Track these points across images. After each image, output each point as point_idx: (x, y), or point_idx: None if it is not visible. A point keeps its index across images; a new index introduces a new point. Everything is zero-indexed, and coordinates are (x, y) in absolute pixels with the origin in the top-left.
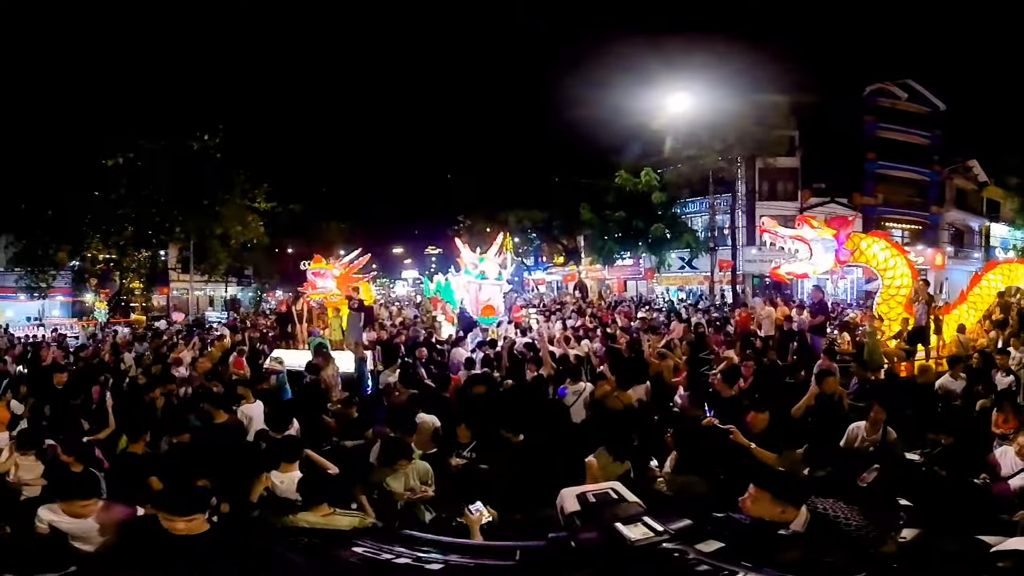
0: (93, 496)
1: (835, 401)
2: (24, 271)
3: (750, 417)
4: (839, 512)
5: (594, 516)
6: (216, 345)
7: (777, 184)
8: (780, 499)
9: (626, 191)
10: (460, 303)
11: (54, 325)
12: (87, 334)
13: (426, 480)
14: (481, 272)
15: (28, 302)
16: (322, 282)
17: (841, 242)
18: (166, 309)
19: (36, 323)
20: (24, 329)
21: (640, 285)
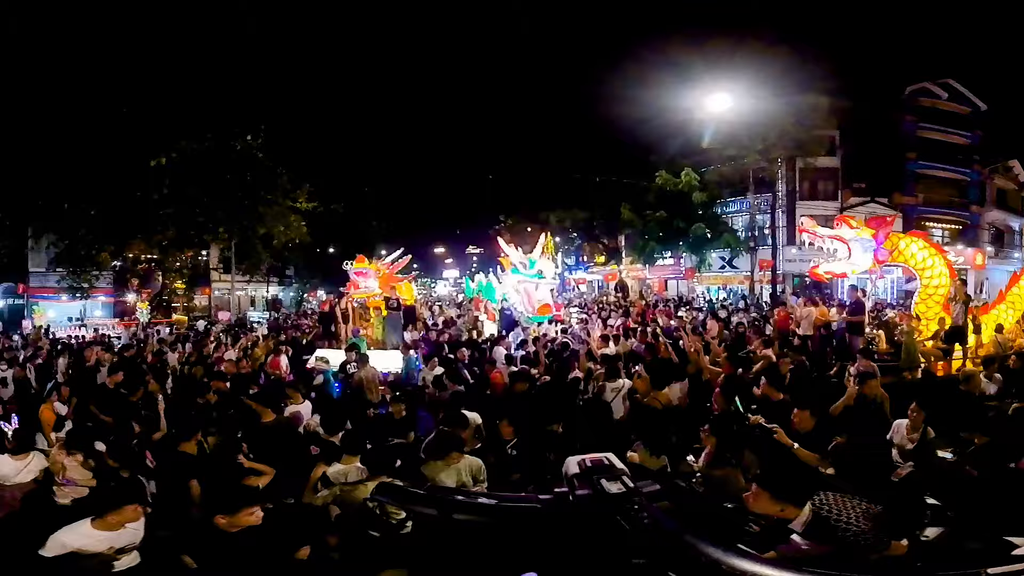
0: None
1: (876, 404)
2: (66, 271)
3: (796, 417)
4: (843, 514)
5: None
6: (260, 346)
7: (817, 184)
8: (779, 498)
9: (667, 191)
10: (502, 302)
11: (96, 325)
12: (129, 334)
13: (478, 476)
14: (539, 271)
15: (70, 303)
16: (365, 282)
17: (880, 242)
18: (208, 309)
19: (78, 323)
20: (66, 330)
21: (681, 285)
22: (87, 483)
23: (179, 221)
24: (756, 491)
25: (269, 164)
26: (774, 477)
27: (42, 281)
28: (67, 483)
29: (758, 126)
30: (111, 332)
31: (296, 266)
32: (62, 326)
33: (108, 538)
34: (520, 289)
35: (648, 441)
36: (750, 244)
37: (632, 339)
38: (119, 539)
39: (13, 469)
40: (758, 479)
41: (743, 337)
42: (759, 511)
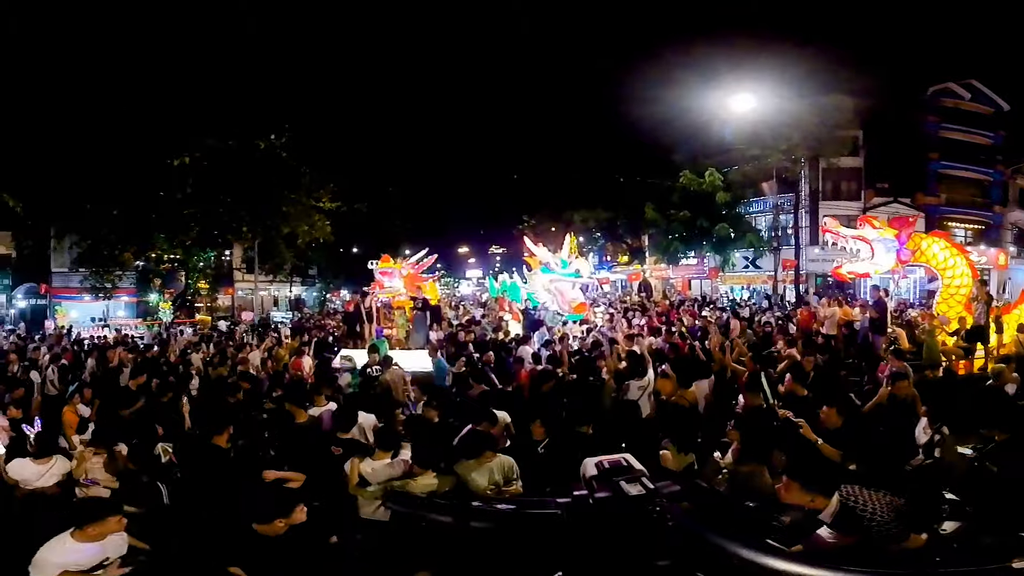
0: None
1: (908, 403)
2: (89, 271)
3: (823, 414)
4: (868, 505)
5: (606, 477)
6: (285, 346)
7: (840, 184)
8: (809, 488)
9: (690, 191)
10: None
11: (119, 325)
12: (152, 334)
13: (511, 476)
14: (576, 271)
15: (92, 303)
16: (389, 281)
17: (902, 242)
18: (231, 309)
19: (101, 323)
20: (89, 330)
21: (704, 284)
22: (109, 484)
23: (202, 221)
24: (787, 482)
25: (293, 163)
26: (804, 468)
27: (65, 281)
28: (89, 483)
29: (781, 126)
30: (134, 332)
31: (319, 266)
32: (85, 326)
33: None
34: (552, 288)
35: (675, 439)
36: (773, 244)
37: (657, 338)
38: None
39: (35, 473)
40: (788, 471)
41: (769, 337)
42: (791, 502)
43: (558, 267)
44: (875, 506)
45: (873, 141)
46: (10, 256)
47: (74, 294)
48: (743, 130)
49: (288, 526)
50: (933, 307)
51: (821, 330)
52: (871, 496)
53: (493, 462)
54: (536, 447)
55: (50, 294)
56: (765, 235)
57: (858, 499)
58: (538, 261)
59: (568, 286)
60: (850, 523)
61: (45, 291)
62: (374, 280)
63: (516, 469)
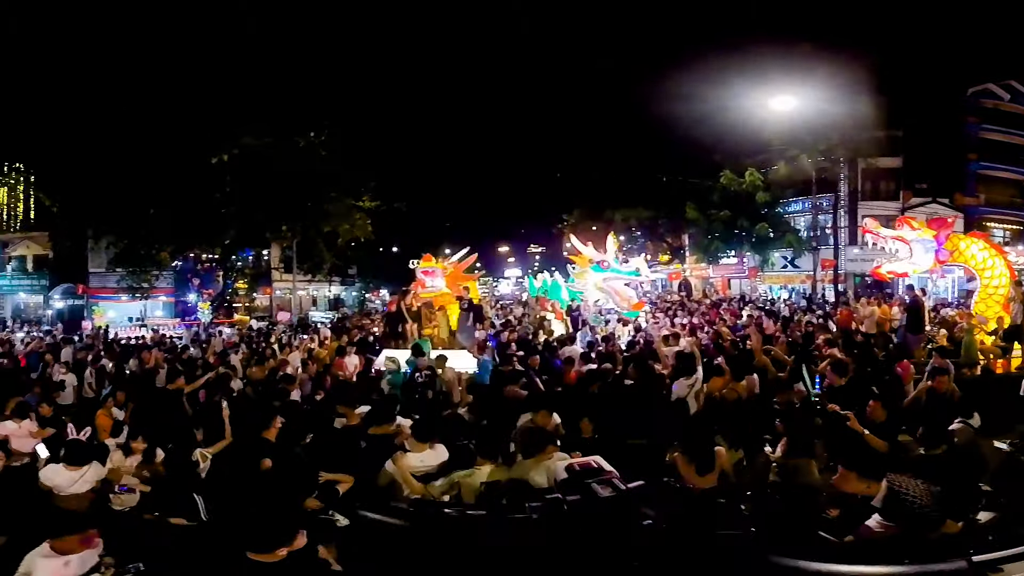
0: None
1: (947, 397)
2: (126, 271)
3: (870, 407)
4: (911, 490)
5: (578, 480)
6: (326, 346)
7: (879, 184)
8: (865, 476)
9: (731, 191)
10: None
11: (156, 325)
12: (190, 335)
13: None
14: (636, 269)
15: (130, 303)
16: (431, 280)
17: (941, 242)
18: (269, 309)
19: (138, 324)
20: (126, 330)
21: (744, 284)
22: (142, 488)
23: (241, 219)
24: (843, 473)
25: (332, 161)
26: (859, 458)
27: (102, 281)
28: (123, 490)
29: (821, 127)
30: (172, 332)
31: (358, 265)
32: (122, 326)
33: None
34: (606, 287)
35: (726, 433)
36: (812, 244)
37: (700, 336)
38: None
39: (68, 480)
40: (844, 462)
41: (810, 336)
42: (848, 489)
43: (612, 265)
44: (917, 491)
45: (912, 142)
46: (47, 256)
47: (111, 294)
48: (783, 130)
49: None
50: (971, 307)
51: (861, 329)
52: (913, 482)
53: (551, 460)
54: (585, 445)
55: (87, 294)
56: (804, 235)
57: (902, 484)
58: (587, 259)
59: (621, 284)
60: (897, 507)
61: (82, 291)
62: (415, 279)
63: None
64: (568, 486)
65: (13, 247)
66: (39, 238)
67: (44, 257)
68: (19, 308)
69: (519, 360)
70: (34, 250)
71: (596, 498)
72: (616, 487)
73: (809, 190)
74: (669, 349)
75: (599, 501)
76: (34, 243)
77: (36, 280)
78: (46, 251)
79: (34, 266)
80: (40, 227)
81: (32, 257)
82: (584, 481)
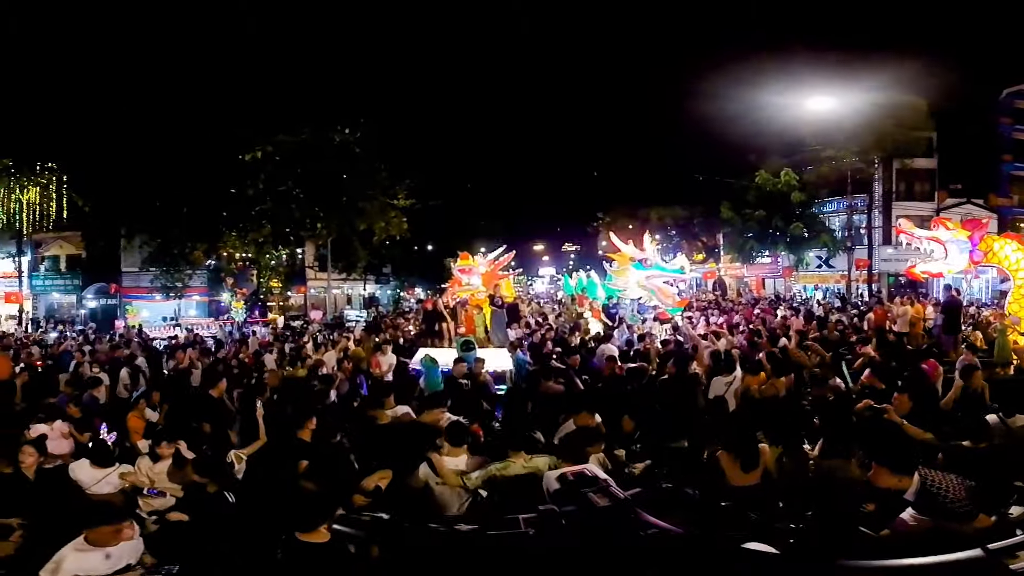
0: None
1: (979, 393)
2: (159, 271)
3: (895, 400)
4: (944, 485)
5: (572, 490)
6: (363, 345)
7: (914, 185)
8: (897, 472)
9: (766, 190)
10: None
11: (190, 325)
12: (224, 334)
13: (606, 469)
14: (680, 267)
15: (163, 302)
16: (468, 278)
17: (975, 243)
18: (303, 308)
19: (172, 323)
20: (160, 330)
21: (778, 283)
22: (175, 492)
23: (275, 217)
24: (876, 468)
25: (367, 158)
26: (891, 453)
27: (135, 281)
28: (153, 493)
29: (856, 127)
30: (205, 332)
31: (393, 263)
32: (156, 326)
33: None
34: (648, 284)
35: (767, 430)
36: (847, 244)
37: (736, 336)
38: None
39: (91, 477)
40: (876, 458)
41: (844, 335)
42: (883, 484)
43: (655, 263)
44: (949, 485)
45: (947, 142)
46: (80, 256)
47: (144, 293)
48: (819, 131)
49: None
50: (1005, 307)
51: (894, 328)
52: (946, 477)
53: (597, 456)
54: (626, 441)
55: (120, 294)
56: (839, 235)
57: (935, 480)
58: (627, 257)
59: (662, 281)
60: (929, 501)
61: (115, 291)
62: (451, 277)
63: (608, 463)
64: (562, 496)
65: (46, 247)
66: (72, 238)
67: (77, 257)
68: (52, 308)
69: (557, 358)
70: (67, 250)
71: (593, 508)
72: (613, 496)
73: (844, 190)
74: (706, 347)
75: (596, 511)
76: (67, 243)
77: (69, 280)
78: (79, 251)
79: (67, 266)
80: (73, 227)
81: (65, 257)
82: (579, 490)
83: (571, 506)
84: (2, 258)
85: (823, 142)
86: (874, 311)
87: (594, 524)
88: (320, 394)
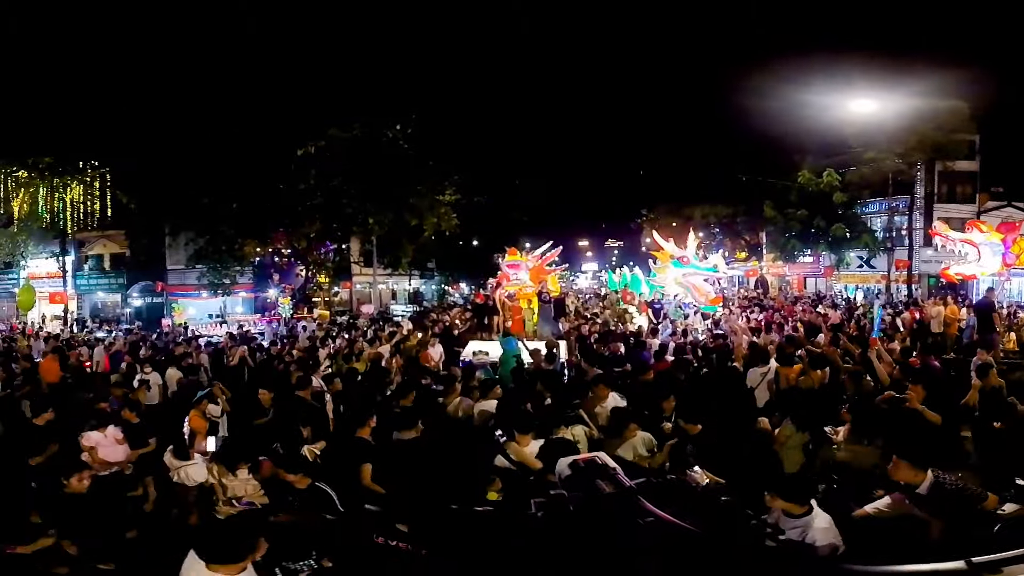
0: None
1: (996, 390)
2: (207, 267)
3: (911, 391)
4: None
5: (582, 476)
6: (412, 339)
7: (955, 187)
8: (915, 466)
9: (808, 190)
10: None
11: (239, 321)
12: (272, 331)
13: (651, 448)
14: (714, 265)
15: (210, 299)
16: (516, 274)
17: (1008, 246)
18: (348, 303)
19: (218, 320)
20: (207, 327)
21: (819, 282)
22: (259, 499)
23: (325, 212)
24: (896, 461)
25: (416, 154)
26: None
27: (181, 279)
28: (247, 505)
29: (899, 130)
30: (253, 329)
31: (438, 259)
32: (202, 323)
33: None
34: (685, 282)
35: (795, 418)
36: (887, 244)
37: (775, 333)
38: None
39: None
40: (900, 452)
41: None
42: (900, 478)
43: (688, 261)
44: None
45: (989, 145)
46: (124, 255)
47: (190, 291)
48: (861, 132)
49: None
50: None
51: (931, 328)
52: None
53: (636, 438)
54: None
55: (166, 292)
56: (880, 235)
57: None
58: (668, 255)
59: (700, 279)
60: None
61: (160, 289)
62: (500, 272)
63: (654, 441)
64: (572, 483)
65: (90, 246)
66: (116, 236)
67: (121, 256)
68: (97, 307)
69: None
70: (111, 248)
71: (600, 495)
72: (619, 483)
73: (885, 191)
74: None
75: (602, 498)
76: (111, 241)
77: (114, 279)
78: (123, 250)
79: (111, 265)
80: (117, 225)
81: (109, 256)
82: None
83: (579, 492)
84: (46, 258)
85: (865, 144)
86: (909, 311)
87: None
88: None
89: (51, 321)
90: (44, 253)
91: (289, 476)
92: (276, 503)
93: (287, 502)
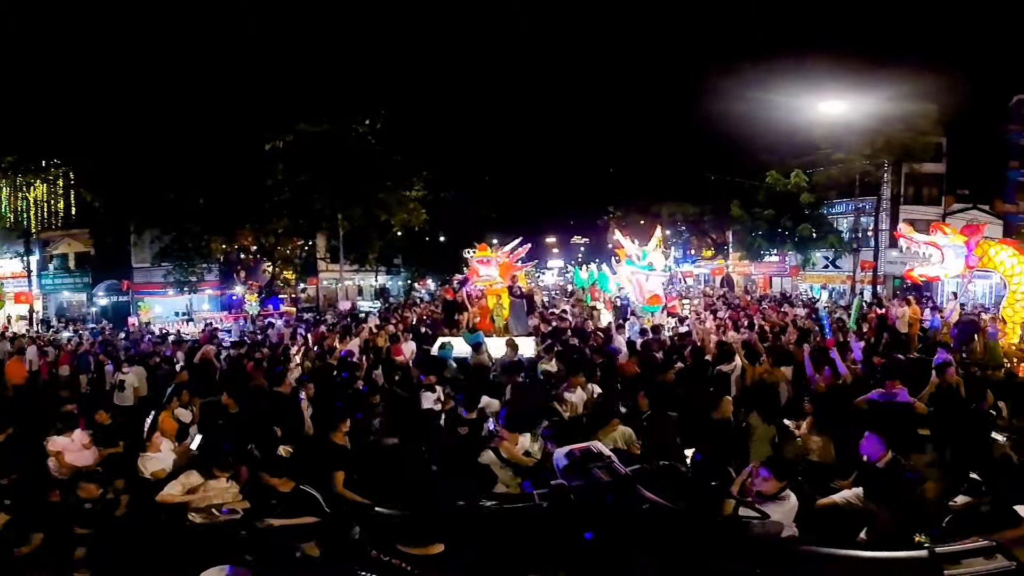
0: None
1: (953, 388)
2: (173, 265)
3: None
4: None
5: (580, 465)
6: (381, 334)
7: (922, 189)
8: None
9: (776, 190)
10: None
11: (205, 319)
12: (239, 328)
13: (631, 442)
14: (649, 264)
15: (176, 297)
16: (486, 269)
17: (971, 248)
18: (314, 299)
19: (185, 318)
20: (174, 325)
21: (785, 282)
22: (240, 505)
23: (294, 208)
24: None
25: (384, 150)
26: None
27: (146, 277)
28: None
29: (867, 131)
30: (220, 326)
31: (404, 254)
32: (169, 321)
33: None
34: (632, 280)
35: (762, 411)
36: (853, 245)
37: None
38: None
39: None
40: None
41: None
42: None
43: (639, 259)
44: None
45: (956, 148)
46: (89, 254)
47: (156, 289)
48: (830, 133)
49: None
50: (999, 311)
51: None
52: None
53: (617, 432)
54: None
55: (132, 290)
56: (846, 236)
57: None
58: (625, 253)
59: (644, 278)
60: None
61: (126, 287)
62: (468, 268)
63: (633, 436)
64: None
65: (54, 245)
66: (80, 235)
67: (86, 255)
68: (62, 307)
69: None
70: (75, 248)
71: (599, 483)
72: (615, 471)
73: (852, 193)
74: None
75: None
76: (75, 240)
77: (79, 278)
78: (87, 248)
79: (76, 264)
80: (81, 224)
81: (74, 255)
82: (587, 466)
83: (579, 481)
84: (10, 258)
85: (834, 145)
86: (872, 310)
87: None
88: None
89: (17, 321)
90: (8, 253)
91: (272, 480)
92: (259, 508)
93: (270, 506)
